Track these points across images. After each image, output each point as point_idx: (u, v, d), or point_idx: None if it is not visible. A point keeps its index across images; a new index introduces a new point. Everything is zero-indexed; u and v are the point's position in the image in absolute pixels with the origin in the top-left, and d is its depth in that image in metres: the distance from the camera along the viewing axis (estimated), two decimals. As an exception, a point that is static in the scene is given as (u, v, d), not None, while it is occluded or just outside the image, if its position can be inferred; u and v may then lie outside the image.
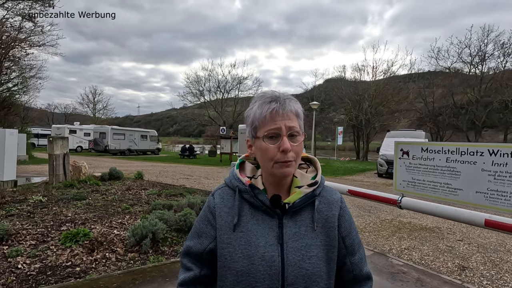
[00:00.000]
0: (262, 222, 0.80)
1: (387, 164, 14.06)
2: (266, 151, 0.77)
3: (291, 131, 0.78)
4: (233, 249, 0.78)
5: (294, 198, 0.80)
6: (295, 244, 0.78)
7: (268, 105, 0.78)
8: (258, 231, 0.79)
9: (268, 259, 0.76)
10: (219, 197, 0.86)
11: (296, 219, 0.81)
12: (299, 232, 0.79)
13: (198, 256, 0.86)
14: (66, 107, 58.25)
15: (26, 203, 5.72)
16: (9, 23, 16.29)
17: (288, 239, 0.78)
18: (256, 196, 0.80)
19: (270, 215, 0.80)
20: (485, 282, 3.38)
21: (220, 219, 0.82)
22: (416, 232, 5.29)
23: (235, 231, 0.79)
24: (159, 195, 7.01)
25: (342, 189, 2.99)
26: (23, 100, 23.07)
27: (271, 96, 0.80)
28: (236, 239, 0.79)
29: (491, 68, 27.75)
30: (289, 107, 0.78)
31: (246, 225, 0.80)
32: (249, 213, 0.81)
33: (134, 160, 21.06)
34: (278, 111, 0.77)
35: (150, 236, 3.65)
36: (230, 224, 0.80)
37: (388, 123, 30.56)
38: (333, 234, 0.82)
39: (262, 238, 0.78)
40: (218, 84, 36.94)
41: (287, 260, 0.76)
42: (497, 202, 1.86)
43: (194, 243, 0.87)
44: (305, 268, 0.76)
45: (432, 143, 2.28)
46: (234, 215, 0.81)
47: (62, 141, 8.36)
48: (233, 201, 0.83)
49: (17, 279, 2.85)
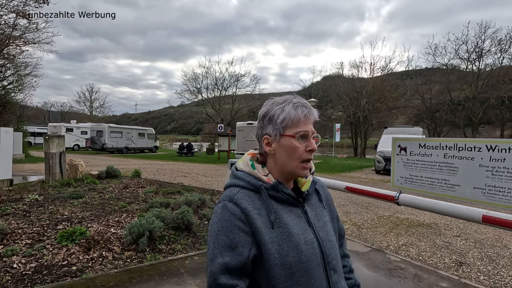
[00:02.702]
0: (291, 213, 0.88)
1: (384, 161, 14.09)
2: (295, 150, 0.87)
3: (314, 135, 0.89)
4: (279, 244, 0.82)
5: (307, 186, 0.94)
6: (319, 223, 0.92)
7: (302, 108, 0.87)
8: (292, 221, 0.86)
9: (310, 242, 0.85)
10: (244, 202, 0.84)
11: (310, 204, 0.94)
12: (317, 213, 0.94)
13: (241, 269, 0.80)
14: (63, 105, 58.03)
15: (22, 202, 5.67)
16: (3, 20, 16.11)
17: (314, 221, 0.91)
18: (282, 190, 0.87)
19: (294, 205, 0.90)
20: (482, 277, 3.40)
21: (256, 222, 0.82)
22: (414, 228, 5.31)
23: (274, 228, 0.83)
24: (157, 193, 6.98)
25: (340, 186, 2.98)
26: (18, 99, 22.91)
27: (300, 101, 0.89)
28: (278, 235, 0.83)
29: (488, 64, 27.89)
30: (314, 114, 0.90)
31: (281, 219, 0.85)
32: (278, 208, 0.87)
33: (131, 158, 20.98)
34: (309, 116, 0.88)
35: (147, 235, 3.63)
36: (266, 223, 0.83)
37: (385, 119, 30.64)
38: (333, 208, 1.05)
39: (298, 226, 0.86)
40: (216, 81, 36.78)
41: (320, 238, 0.89)
42: (495, 198, 1.86)
43: (231, 257, 0.79)
44: (331, 240, 0.92)
45: (430, 139, 2.27)
46: (268, 214, 0.84)
47: (59, 139, 8.30)
48: (259, 201, 0.85)
49: (12, 279, 2.82)
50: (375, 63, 31.00)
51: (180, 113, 45.37)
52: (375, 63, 31.00)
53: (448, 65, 29.41)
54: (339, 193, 8.31)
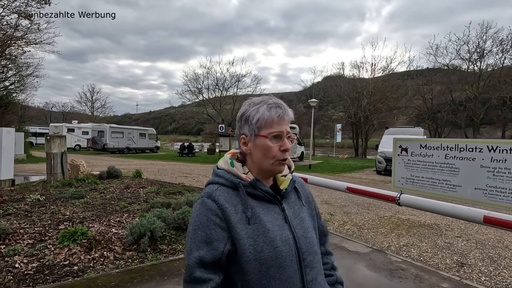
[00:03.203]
0: (269, 210, 0.90)
1: (385, 161, 14.07)
2: (269, 149, 0.89)
3: (288, 135, 0.92)
4: (254, 240, 0.84)
5: (286, 184, 0.96)
6: (296, 221, 0.93)
7: (276, 109, 0.90)
8: (269, 218, 0.88)
9: (285, 238, 0.87)
10: (222, 198, 0.87)
11: (288, 201, 0.96)
12: (295, 210, 0.96)
13: (216, 263, 0.83)
14: (64, 105, 58.15)
15: (24, 202, 5.69)
16: (5, 20, 16.16)
17: (291, 218, 0.92)
18: (259, 188, 0.89)
19: (272, 203, 0.92)
20: (484, 278, 3.39)
21: (231, 218, 0.84)
22: (415, 229, 5.30)
23: (250, 224, 0.85)
24: (158, 193, 6.99)
25: (341, 186, 2.99)
26: (20, 99, 22.91)
27: (275, 102, 0.92)
28: (253, 231, 0.85)
29: (489, 64, 27.81)
30: (289, 115, 0.92)
31: (258, 215, 0.87)
32: (256, 205, 0.89)
33: (132, 159, 21.01)
34: (283, 116, 0.90)
35: (149, 235, 3.64)
36: (243, 220, 0.85)
37: (386, 120, 30.59)
38: (312, 205, 1.06)
39: (275, 222, 0.88)
40: (217, 81, 36.78)
41: (297, 235, 0.90)
42: (496, 198, 1.86)
43: (207, 252, 0.82)
44: (308, 237, 0.93)
45: (431, 140, 2.27)
46: (244, 210, 0.86)
47: (60, 139, 8.32)
48: (237, 198, 0.88)
49: (14, 279, 2.83)
50: (376, 64, 31.06)
51: (181, 114, 45.38)
52: (376, 64, 31.06)
53: (449, 65, 29.36)
54: (340, 194, 8.30)
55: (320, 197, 8.02)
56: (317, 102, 18.38)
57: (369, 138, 31.56)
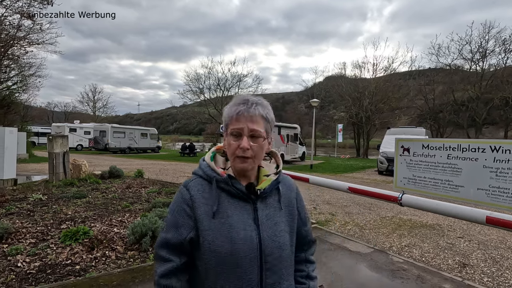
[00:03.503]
0: (239, 208, 0.90)
1: (387, 161, 14.04)
2: (229, 146, 0.91)
3: (252, 133, 0.89)
4: (215, 234, 0.86)
5: (265, 185, 0.93)
6: (268, 223, 0.91)
7: (236, 107, 0.90)
8: (237, 215, 0.89)
9: (248, 238, 0.87)
10: (195, 189, 0.92)
11: (266, 202, 0.94)
12: (270, 212, 0.93)
13: (178, 246, 0.91)
14: (66, 105, 58.31)
15: (26, 201, 5.72)
16: (8, 21, 16.24)
17: (262, 219, 0.91)
18: (233, 185, 0.90)
19: (245, 201, 0.91)
20: (486, 279, 3.37)
21: (199, 209, 0.89)
22: (417, 229, 5.29)
23: (215, 217, 0.88)
24: (159, 193, 7.00)
25: (343, 186, 2.98)
26: (22, 99, 23.02)
27: (242, 99, 0.92)
28: (217, 225, 0.87)
29: (492, 64, 27.65)
30: (254, 111, 0.89)
31: (226, 211, 0.89)
32: (227, 201, 0.90)
33: (134, 158, 21.05)
34: (243, 113, 0.89)
35: (150, 234, 3.65)
36: (209, 212, 0.89)
37: (388, 120, 30.50)
38: (294, 211, 1.00)
39: (241, 221, 0.88)
40: (218, 81, 36.79)
41: (263, 236, 0.88)
42: (499, 199, 1.85)
43: (172, 235, 0.91)
44: (277, 241, 0.91)
45: (433, 140, 2.27)
46: (213, 204, 0.89)
47: (62, 139, 8.35)
48: (210, 191, 0.91)
49: (16, 278, 2.84)
50: (378, 64, 30.98)
51: (183, 114, 45.46)
52: (378, 64, 30.98)
53: (451, 65, 29.23)
54: (341, 194, 8.29)
55: (321, 197, 8.01)
56: (318, 102, 18.37)
57: (370, 138, 31.50)
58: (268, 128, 0.93)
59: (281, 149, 19.06)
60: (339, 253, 3.90)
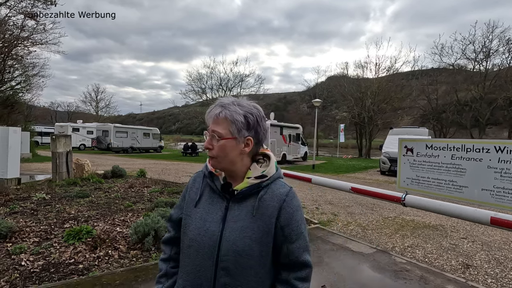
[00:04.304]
0: (214, 203, 0.97)
1: (389, 162, 13.99)
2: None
3: (212, 134, 0.94)
4: (191, 220, 0.98)
5: (242, 187, 0.94)
6: (234, 225, 0.92)
7: (208, 109, 0.97)
8: (210, 209, 0.96)
9: (210, 233, 0.92)
10: (192, 179, 1.07)
11: (241, 204, 0.94)
12: (239, 215, 0.93)
13: (175, 222, 1.08)
14: (69, 105, 58.59)
15: (30, 200, 5.75)
16: (12, 21, 16.34)
17: (229, 219, 0.93)
18: (213, 181, 0.99)
19: (222, 198, 0.97)
20: (490, 280, 3.35)
21: (188, 197, 1.03)
22: (420, 229, 5.26)
23: (196, 206, 0.99)
24: (162, 193, 7.02)
25: (345, 186, 2.97)
26: (26, 99, 23.09)
27: (217, 102, 0.97)
28: (195, 213, 0.98)
29: (495, 64, 27.50)
30: (218, 113, 0.93)
31: (204, 203, 0.98)
32: (208, 195, 0.99)
33: (136, 158, 21.12)
34: (211, 115, 0.95)
35: (153, 234, 3.66)
36: (193, 201, 1.00)
37: (391, 120, 30.40)
38: (270, 222, 0.92)
39: (211, 215, 0.95)
40: (220, 81, 36.81)
41: (224, 237, 0.91)
42: (504, 199, 1.84)
43: (174, 212, 1.11)
44: (238, 246, 0.90)
45: (437, 140, 2.26)
46: (198, 194, 1.01)
47: (65, 139, 8.39)
48: (203, 183, 1.03)
49: (20, 276, 2.86)
50: (380, 63, 30.83)
51: (185, 113, 45.48)
52: (380, 63, 30.83)
53: (454, 65, 29.09)
54: (344, 194, 8.27)
55: (323, 197, 8.00)
56: (320, 102, 18.33)
57: (373, 138, 31.39)
58: (235, 130, 0.91)
59: (283, 149, 19.06)
60: (341, 253, 3.89)
